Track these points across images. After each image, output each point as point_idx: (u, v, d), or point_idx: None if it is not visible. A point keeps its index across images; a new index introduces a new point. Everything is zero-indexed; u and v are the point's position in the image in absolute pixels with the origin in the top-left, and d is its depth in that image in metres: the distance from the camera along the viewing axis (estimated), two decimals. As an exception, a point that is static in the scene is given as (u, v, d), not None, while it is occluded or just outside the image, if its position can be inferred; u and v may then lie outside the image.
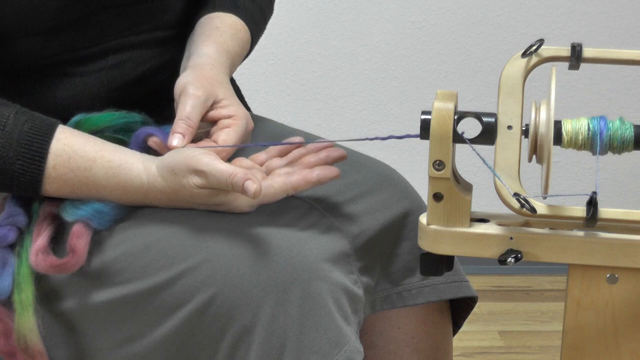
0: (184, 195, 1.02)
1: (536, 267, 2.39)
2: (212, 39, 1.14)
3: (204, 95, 1.06)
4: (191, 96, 1.05)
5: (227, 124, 1.07)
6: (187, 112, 1.05)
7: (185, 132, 1.04)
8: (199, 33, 1.16)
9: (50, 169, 1.01)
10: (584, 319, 0.94)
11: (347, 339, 1.01)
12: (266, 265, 0.99)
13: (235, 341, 0.99)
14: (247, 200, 1.02)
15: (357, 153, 1.20)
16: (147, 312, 1.02)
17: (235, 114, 1.08)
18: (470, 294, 1.17)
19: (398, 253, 1.13)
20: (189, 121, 1.05)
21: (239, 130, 1.07)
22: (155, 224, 1.04)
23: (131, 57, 1.14)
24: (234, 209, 1.03)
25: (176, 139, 1.04)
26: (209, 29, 1.16)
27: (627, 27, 2.40)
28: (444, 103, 0.91)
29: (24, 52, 1.08)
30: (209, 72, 1.09)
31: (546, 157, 0.88)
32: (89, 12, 1.09)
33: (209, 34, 1.15)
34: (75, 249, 1.01)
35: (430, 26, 2.37)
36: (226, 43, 1.15)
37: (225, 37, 1.15)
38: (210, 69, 1.10)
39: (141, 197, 1.04)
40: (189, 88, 1.06)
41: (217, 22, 1.17)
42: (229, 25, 1.17)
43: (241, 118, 1.07)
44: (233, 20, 1.18)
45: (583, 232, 0.93)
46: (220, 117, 1.08)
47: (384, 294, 1.14)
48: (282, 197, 1.03)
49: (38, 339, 1.02)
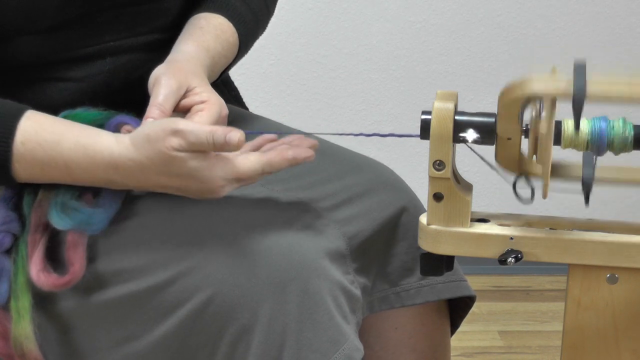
0: (157, 165, 0.98)
1: (536, 267, 2.38)
2: (194, 38, 1.14)
3: (176, 84, 1.05)
4: (164, 85, 1.04)
5: (200, 108, 1.05)
6: (160, 100, 1.03)
7: (157, 117, 1.02)
8: (183, 32, 1.16)
9: (19, 144, 1.00)
10: (584, 319, 0.94)
11: (346, 337, 1.01)
12: (264, 265, 0.99)
13: (234, 341, 1.00)
14: (223, 171, 0.98)
15: (354, 154, 1.20)
16: (145, 312, 1.02)
17: (209, 99, 1.06)
18: (468, 294, 1.17)
19: (395, 253, 1.13)
20: (161, 107, 1.03)
21: (212, 114, 1.04)
22: (153, 225, 1.04)
23: (130, 60, 1.14)
24: (208, 180, 0.98)
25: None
26: (193, 28, 1.15)
27: (627, 27, 2.40)
28: (444, 103, 0.91)
29: (21, 50, 1.07)
30: (184, 65, 1.08)
31: (546, 157, 0.88)
32: (87, 12, 1.09)
33: (191, 33, 1.15)
34: (75, 262, 1.01)
35: (430, 26, 2.37)
36: (207, 42, 1.14)
37: (207, 37, 1.14)
38: (185, 62, 1.09)
39: (111, 170, 1.00)
40: (162, 78, 1.04)
41: (203, 22, 1.16)
42: (214, 26, 1.16)
43: (214, 103, 1.06)
44: (219, 21, 1.18)
45: (583, 232, 0.93)
46: (194, 103, 1.06)
47: (381, 295, 1.14)
48: (258, 174, 1.00)
49: (34, 346, 1.02)
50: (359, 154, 1.20)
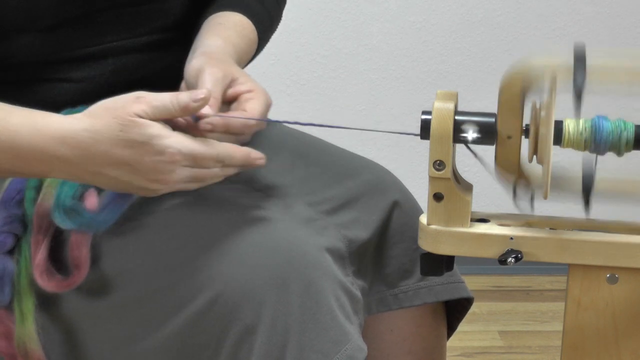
0: (113, 131, 0.94)
1: (536, 267, 2.38)
2: (217, 33, 1.12)
3: (221, 72, 1.02)
4: (209, 74, 1.02)
5: (248, 97, 1.03)
6: (208, 87, 1.00)
7: (211, 103, 0.98)
8: (203, 30, 1.15)
9: None
10: (584, 319, 0.94)
11: (349, 337, 1.01)
12: (266, 265, 0.99)
13: (237, 341, 0.99)
14: (181, 144, 0.95)
15: (352, 155, 1.20)
16: (149, 313, 1.02)
17: (255, 88, 1.04)
18: (466, 295, 1.17)
19: (392, 255, 1.13)
20: (213, 94, 1.00)
21: (262, 103, 1.02)
22: (155, 227, 1.04)
23: (132, 60, 1.14)
24: (164, 151, 0.94)
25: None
26: (213, 25, 1.14)
27: (627, 27, 2.40)
28: (444, 103, 0.91)
29: (21, 49, 1.07)
30: (222, 56, 1.07)
31: (546, 157, 0.88)
32: (87, 11, 1.09)
33: (214, 28, 1.13)
34: (79, 263, 1.01)
35: (430, 26, 2.37)
36: (231, 37, 1.13)
37: (231, 32, 1.13)
38: (221, 55, 1.07)
39: (59, 143, 0.95)
40: (205, 68, 1.02)
41: (222, 19, 1.16)
42: (234, 23, 1.16)
43: (261, 92, 1.04)
44: (239, 18, 1.17)
45: (583, 232, 0.93)
46: (240, 92, 1.04)
47: (379, 296, 1.14)
48: (213, 158, 0.96)
49: (38, 347, 1.03)
50: (356, 155, 1.20)
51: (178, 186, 0.97)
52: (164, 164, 0.95)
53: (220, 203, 1.06)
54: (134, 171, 0.95)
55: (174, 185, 0.97)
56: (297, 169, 1.15)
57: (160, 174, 0.95)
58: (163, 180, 0.96)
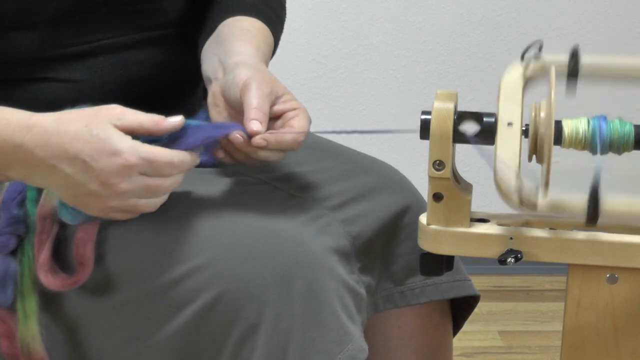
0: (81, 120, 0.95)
1: (536, 267, 2.38)
2: (248, 40, 1.12)
3: (268, 89, 1.03)
4: (256, 89, 1.02)
5: (292, 115, 1.04)
6: (257, 103, 1.02)
7: (262, 119, 1.01)
8: (228, 33, 1.14)
9: None
10: (584, 319, 0.94)
11: (351, 337, 1.01)
12: (270, 264, 0.99)
13: (240, 340, 0.99)
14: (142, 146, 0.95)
15: (359, 154, 1.20)
16: (152, 312, 1.02)
17: (299, 107, 1.05)
18: (473, 293, 1.17)
19: (400, 253, 1.13)
20: (262, 109, 1.01)
21: (305, 124, 1.04)
22: (158, 225, 1.04)
23: (124, 57, 1.14)
24: (122, 150, 0.94)
25: (254, 124, 1.00)
26: (240, 30, 1.14)
27: (627, 27, 2.40)
28: (444, 103, 0.91)
29: (10, 47, 1.07)
30: (264, 69, 1.07)
31: (546, 157, 0.88)
32: (76, 9, 1.09)
33: (242, 34, 1.13)
34: (84, 261, 1.01)
35: (430, 26, 2.37)
36: (261, 46, 1.13)
37: (259, 41, 1.14)
38: (262, 67, 1.08)
39: (25, 131, 0.95)
40: (252, 83, 1.03)
41: (246, 24, 1.15)
42: (258, 30, 1.16)
43: (304, 110, 1.05)
44: (260, 25, 1.17)
45: (583, 232, 0.93)
46: (285, 110, 1.05)
47: (386, 294, 1.14)
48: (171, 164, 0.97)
49: (41, 347, 1.03)
50: (364, 154, 1.20)
51: (131, 201, 0.97)
52: (118, 166, 0.95)
53: (224, 201, 1.06)
54: (88, 170, 0.95)
55: (125, 195, 0.97)
56: (303, 164, 1.15)
57: (113, 177, 0.95)
58: (115, 186, 0.96)
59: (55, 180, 0.97)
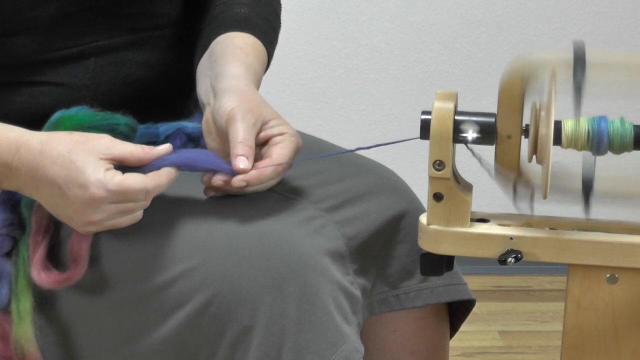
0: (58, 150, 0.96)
1: (536, 267, 2.38)
2: (239, 59, 1.11)
3: (252, 119, 1.04)
4: (241, 121, 1.03)
5: (278, 140, 1.05)
6: (242, 136, 1.02)
7: (248, 153, 1.01)
8: (220, 52, 1.13)
9: None
10: (584, 319, 0.94)
11: (346, 338, 1.01)
12: (263, 266, 0.99)
13: (234, 342, 0.99)
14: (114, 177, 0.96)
15: (356, 156, 1.19)
16: (145, 314, 1.02)
17: (286, 131, 1.06)
18: (468, 297, 1.17)
19: (395, 256, 1.13)
20: (247, 143, 1.02)
21: (291, 148, 1.04)
22: (152, 227, 1.04)
23: (115, 59, 1.14)
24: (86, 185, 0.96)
25: (241, 162, 1.00)
26: (232, 48, 1.13)
27: (627, 27, 2.40)
28: (444, 103, 0.91)
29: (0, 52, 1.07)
30: (251, 95, 1.07)
31: (546, 157, 0.88)
32: (64, 12, 1.09)
33: (233, 53, 1.12)
34: (78, 258, 1.01)
35: (430, 26, 2.37)
36: (252, 64, 1.12)
37: (251, 58, 1.13)
38: (250, 91, 1.07)
39: (14, 150, 0.98)
40: (237, 113, 1.03)
41: (239, 41, 1.14)
42: (251, 46, 1.15)
43: (292, 135, 1.06)
44: (253, 40, 1.16)
45: (583, 233, 0.93)
46: (271, 136, 1.05)
47: (381, 297, 1.13)
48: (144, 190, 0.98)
49: (35, 349, 1.03)
50: (361, 156, 1.20)
51: (107, 223, 0.99)
52: (87, 198, 0.96)
53: (218, 204, 1.06)
54: (63, 195, 0.97)
55: (98, 223, 0.98)
56: (298, 166, 1.15)
57: (84, 208, 0.97)
58: (86, 216, 0.98)
59: (40, 198, 1.00)
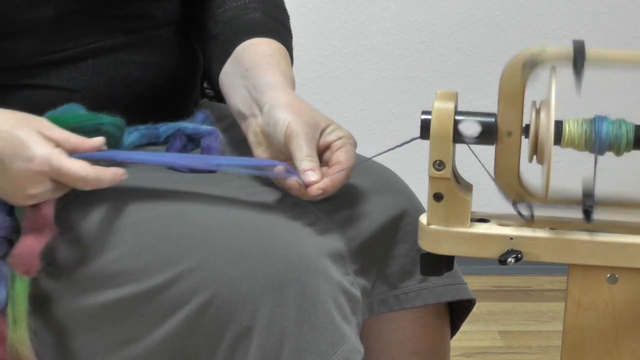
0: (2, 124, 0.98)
1: (536, 267, 2.39)
2: (273, 67, 1.12)
3: (311, 130, 1.05)
4: (303, 137, 1.04)
5: (339, 145, 1.06)
6: (306, 152, 1.03)
7: (315, 167, 1.03)
8: (251, 60, 1.13)
9: None
10: (584, 319, 0.94)
11: (346, 339, 1.01)
12: (263, 266, 0.99)
13: (233, 343, 0.99)
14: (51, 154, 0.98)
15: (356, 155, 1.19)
16: (144, 314, 1.02)
17: (343, 135, 1.07)
18: (468, 297, 1.17)
19: (395, 255, 1.13)
20: (312, 158, 1.04)
21: (353, 148, 1.07)
22: (151, 226, 1.04)
23: (112, 60, 1.14)
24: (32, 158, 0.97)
25: (311, 175, 1.02)
26: (263, 56, 1.13)
27: (627, 27, 2.40)
28: (444, 103, 0.91)
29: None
30: (301, 105, 1.07)
31: (547, 157, 0.88)
32: (58, 14, 1.09)
33: (266, 62, 1.12)
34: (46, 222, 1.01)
35: (430, 26, 2.37)
36: (286, 71, 1.13)
37: (284, 66, 1.13)
38: (298, 101, 1.08)
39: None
40: (295, 128, 1.04)
41: (266, 48, 1.14)
42: (279, 53, 1.15)
43: (348, 137, 1.07)
44: (278, 46, 1.16)
45: (583, 233, 0.93)
46: (331, 142, 1.07)
47: (381, 297, 1.13)
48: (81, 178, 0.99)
49: (30, 353, 1.02)
50: (361, 156, 1.20)
51: (45, 196, 1.00)
52: (30, 171, 0.97)
53: (217, 203, 1.06)
54: (4, 170, 0.98)
55: (35, 197, 0.99)
56: None
57: (24, 182, 0.98)
58: (25, 190, 0.99)
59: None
